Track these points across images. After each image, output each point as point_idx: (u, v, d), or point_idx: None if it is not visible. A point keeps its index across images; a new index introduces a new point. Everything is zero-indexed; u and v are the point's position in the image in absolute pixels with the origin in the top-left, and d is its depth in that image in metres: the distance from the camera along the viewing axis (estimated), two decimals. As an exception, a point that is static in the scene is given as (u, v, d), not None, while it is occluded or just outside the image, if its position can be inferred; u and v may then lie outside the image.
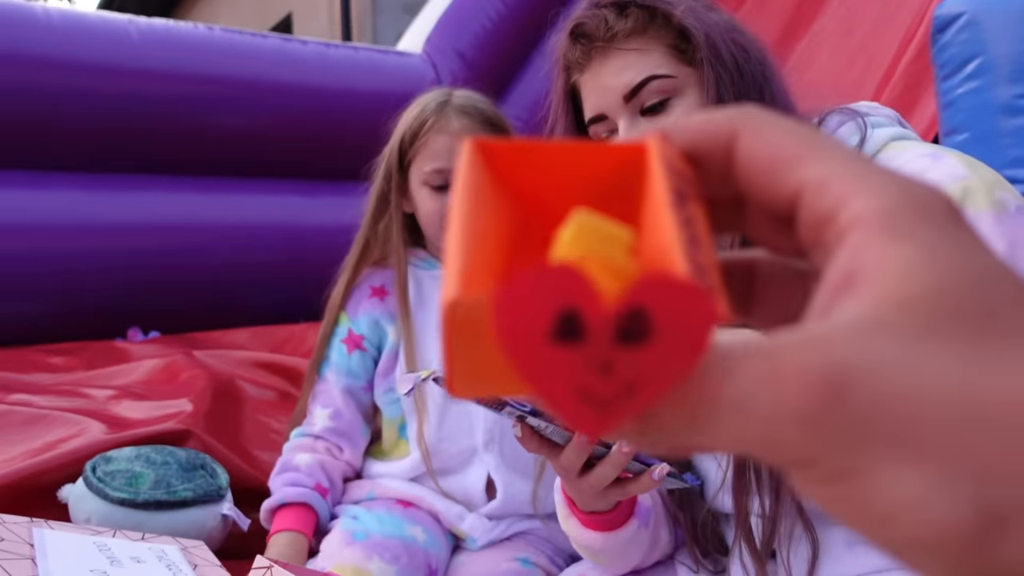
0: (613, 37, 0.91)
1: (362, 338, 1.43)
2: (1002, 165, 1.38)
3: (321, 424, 1.42)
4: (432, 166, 1.39)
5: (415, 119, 1.42)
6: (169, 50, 2.41)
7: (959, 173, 0.78)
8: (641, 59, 0.90)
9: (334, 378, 1.43)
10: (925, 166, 0.80)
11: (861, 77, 1.88)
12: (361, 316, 1.44)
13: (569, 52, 0.95)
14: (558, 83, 0.97)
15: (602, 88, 0.91)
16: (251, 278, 2.47)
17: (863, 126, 0.87)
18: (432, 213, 1.40)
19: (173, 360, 1.89)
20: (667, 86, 0.89)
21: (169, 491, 1.35)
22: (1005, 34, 1.42)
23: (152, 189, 2.41)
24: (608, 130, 0.93)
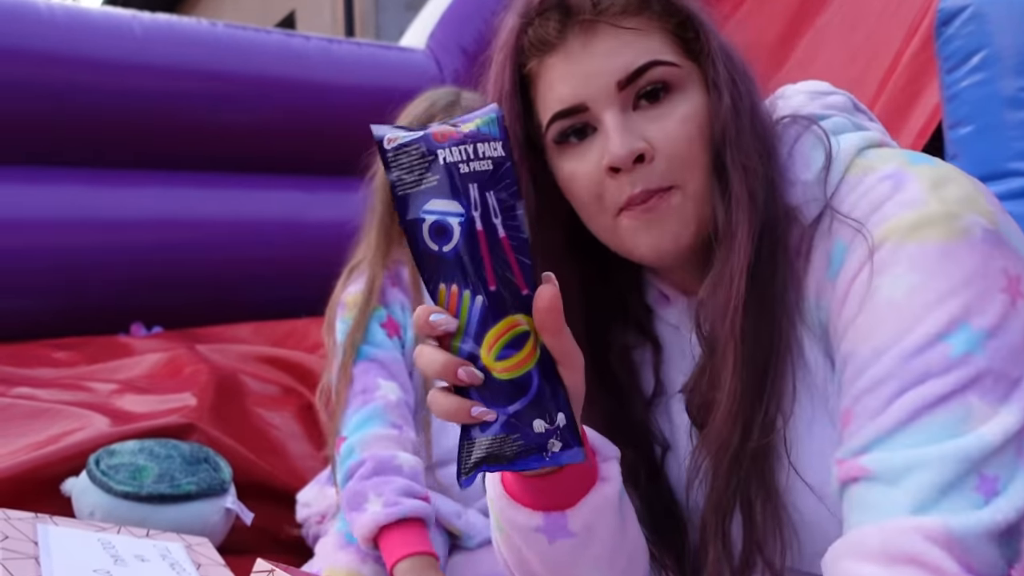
0: (603, 11, 0.73)
1: (400, 325, 1.40)
2: (1007, 158, 1.38)
3: (396, 395, 1.30)
4: None
5: (423, 112, 1.41)
6: (172, 46, 2.41)
7: (917, 199, 0.67)
8: (639, 40, 0.73)
9: (386, 355, 1.34)
10: (886, 192, 0.69)
11: (865, 71, 1.87)
12: (392, 303, 1.40)
13: (532, 31, 0.76)
14: (504, 72, 0.77)
15: (584, 72, 0.73)
16: (253, 273, 2.47)
17: (824, 138, 0.74)
18: None
19: (176, 355, 1.90)
20: (672, 76, 0.73)
21: (173, 484, 1.35)
22: (1010, 27, 1.41)
23: (155, 185, 2.41)
24: (580, 124, 0.74)
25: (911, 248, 0.65)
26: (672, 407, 0.83)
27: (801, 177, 0.73)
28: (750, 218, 0.71)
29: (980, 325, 0.63)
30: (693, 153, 0.72)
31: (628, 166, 0.71)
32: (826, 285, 0.71)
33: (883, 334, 0.64)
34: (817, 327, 0.72)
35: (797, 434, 0.72)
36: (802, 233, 0.73)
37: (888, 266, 0.66)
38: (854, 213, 0.69)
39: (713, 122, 0.72)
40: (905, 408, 0.62)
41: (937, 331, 0.63)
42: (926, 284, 0.64)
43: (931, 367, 0.62)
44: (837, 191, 0.72)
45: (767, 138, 0.74)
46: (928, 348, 0.63)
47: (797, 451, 0.71)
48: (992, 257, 0.65)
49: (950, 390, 0.61)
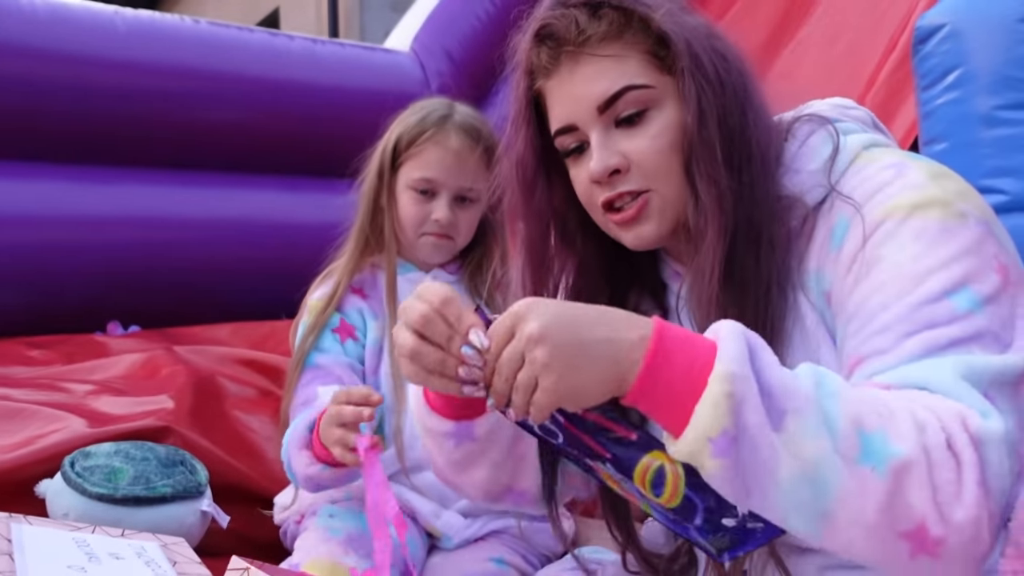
0: (585, 41, 0.83)
1: (354, 328, 1.43)
2: (981, 175, 1.40)
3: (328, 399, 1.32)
4: (421, 174, 1.42)
5: (415, 125, 1.44)
6: (155, 43, 2.40)
7: (918, 184, 0.76)
8: (616, 66, 0.82)
9: (330, 360, 1.38)
10: (889, 177, 0.78)
11: (845, 85, 1.90)
12: (348, 308, 1.44)
13: (534, 55, 0.86)
14: (519, 89, 0.88)
15: (572, 97, 0.84)
16: (233, 273, 2.46)
17: (834, 134, 0.83)
18: (412, 218, 1.42)
19: (153, 355, 1.88)
20: (645, 96, 0.83)
21: (148, 487, 1.35)
22: (986, 46, 1.44)
23: (134, 182, 2.39)
24: (577, 141, 0.86)
25: (914, 223, 0.73)
26: None
27: (807, 167, 0.82)
28: (717, 221, 0.80)
29: (979, 291, 0.70)
30: (666, 163, 0.83)
31: (605, 179, 0.84)
32: (828, 257, 0.79)
33: (890, 291, 0.72)
34: (816, 296, 0.80)
35: None
36: (805, 215, 0.82)
37: (892, 237, 0.73)
38: (855, 194, 0.78)
39: (685, 134, 0.82)
40: (915, 347, 0.69)
41: (942, 289, 0.70)
42: (928, 252, 0.71)
43: (937, 317, 0.69)
44: (841, 179, 0.81)
45: (747, 144, 0.82)
46: (934, 302, 0.70)
47: None
48: (985, 242, 0.73)
49: (956, 338, 0.68)
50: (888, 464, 0.63)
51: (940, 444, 0.64)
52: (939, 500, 0.63)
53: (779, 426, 0.64)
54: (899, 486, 0.63)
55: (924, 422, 0.65)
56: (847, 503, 0.64)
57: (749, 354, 0.66)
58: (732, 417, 0.64)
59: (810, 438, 0.64)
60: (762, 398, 0.64)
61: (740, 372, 0.64)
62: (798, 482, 0.64)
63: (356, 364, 1.41)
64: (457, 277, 1.50)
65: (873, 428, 0.64)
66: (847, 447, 0.64)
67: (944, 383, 0.67)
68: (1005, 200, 1.39)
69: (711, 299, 0.80)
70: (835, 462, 0.63)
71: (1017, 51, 1.40)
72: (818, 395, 0.65)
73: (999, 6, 1.42)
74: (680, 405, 0.66)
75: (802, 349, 0.81)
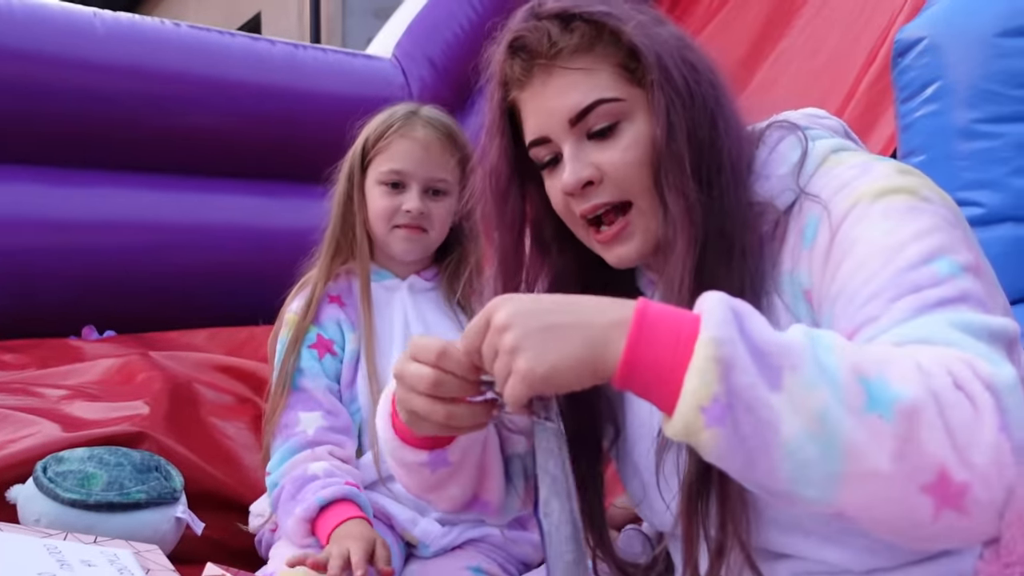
0: (557, 54, 0.84)
1: (332, 342, 1.42)
2: (958, 187, 1.41)
3: (314, 427, 1.35)
4: (390, 166, 1.42)
5: (381, 123, 1.45)
6: (134, 45, 2.38)
7: (883, 175, 0.78)
8: (587, 79, 0.83)
9: (311, 383, 1.38)
10: (855, 175, 0.79)
11: (824, 96, 1.91)
12: (326, 321, 1.43)
13: (508, 67, 0.87)
14: (494, 99, 0.89)
15: (545, 109, 0.85)
16: (211, 278, 2.44)
17: (803, 140, 0.85)
18: (382, 211, 1.42)
19: (129, 360, 1.86)
20: (616, 110, 0.84)
21: (122, 493, 1.33)
22: (964, 60, 1.46)
23: (111, 185, 2.37)
24: (551, 153, 0.87)
25: (881, 204, 0.75)
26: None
27: (777, 172, 0.84)
28: (686, 233, 0.80)
29: (957, 260, 0.70)
30: (637, 175, 0.84)
31: (578, 191, 0.85)
32: (801, 256, 0.80)
33: (871, 265, 0.72)
34: (792, 298, 0.81)
35: None
36: (777, 220, 0.83)
37: (862, 219, 0.75)
38: (823, 192, 0.80)
39: (654, 146, 0.83)
40: (906, 307, 0.68)
41: (921, 257, 0.70)
42: (900, 227, 0.73)
43: (921, 281, 0.69)
44: (810, 181, 0.82)
45: (717, 155, 0.83)
46: (916, 268, 0.70)
47: None
48: (954, 225, 0.74)
49: (944, 298, 0.68)
50: (894, 408, 0.60)
51: (948, 385, 0.61)
52: (957, 443, 0.59)
53: (777, 384, 0.61)
54: (910, 430, 0.59)
55: (928, 367, 0.62)
56: (858, 456, 0.60)
57: (735, 318, 0.63)
58: (722, 383, 0.61)
59: (811, 391, 0.60)
60: (753, 359, 0.61)
61: (726, 336, 0.61)
62: (804, 440, 0.60)
63: (333, 385, 1.40)
64: (434, 284, 1.49)
65: (875, 375, 0.61)
66: (851, 396, 0.60)
67: (945, 335, 0.65)
68: (982, 212, 1.41)
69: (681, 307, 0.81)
70: (840, 413, 0.60)
71: (995, 65, 1.42)
72: (814, 349, 0.62)
73: (977, 21, 1.44)
74: (669, 380, 0.63)
75: None
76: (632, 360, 0.65)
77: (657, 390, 0.65)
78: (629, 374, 0.65)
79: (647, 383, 0.65)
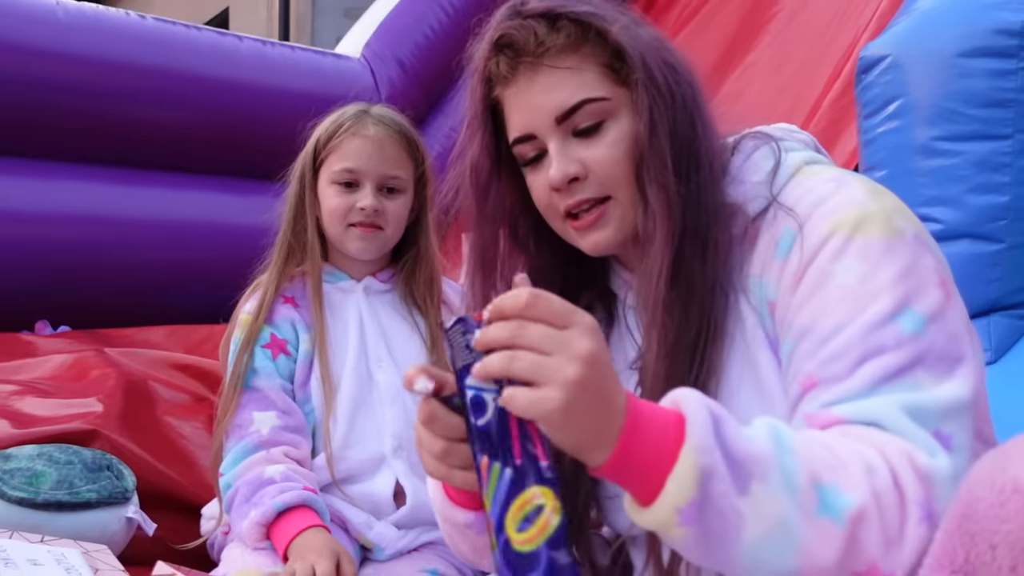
0: (544, 53, 0.85)
1: (286, 342, 1.41)
2: (917, 204, 1.44)
3: (269, 427, 1.33)
4: (342, 165, 1.41)
5: (332, 123, 1.44)
6: (97, 36, 2.34)
7: (859, 199, 0.80)
8: (574, 78, 0.85)
9: (266, 382, 1.37)
10: (830, 190, 0.81)
11: (790, 110, 1.94)
12: (280, 321, 1.42)
13: (492, 64, 0.88)
14: (476, 95, 0.90)
15: (531, 107, 0.86)
16: (171, 275, 2.41)
17: (777, 150, 0.87)
18: (336, 210, 1.40)
19: (83, 356, 1.83)
20: (601, 108, 0.85)
21: (71, 492, 1.30)
22: (926, 79, 1.48)
23: (68, 178, 2.33)
24: (536, 150, 0.88)
25: (858, 241, 0.77)
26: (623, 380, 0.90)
27: (751, 179, 0.87)
28: (666, 227, 0.83)
29: (921, 311, 0.75)
30: (621, 171, 0.85)
31: (565, 187, 0.86)
32: (773, 266, 0.83)
33: (841, 312, 0.76)
34: (758, 301, 0.84)
35: (725, 398, 0.82)
36: (747, 224, 0.86)
37: (839, 256, 0.78)
38: (799, 206, 0.82)
39: (637, 143, 0.85)
40: (868, 375, 0.74)
41: (889, 311, 0.75)
42: (874, 273, 0.76)
43: (887, 342, 0.74)
44: (782, 191, 0.85)
45: (695, 153, 0.85)
46: (883, 325, 0.74)
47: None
48: (922, 256, 0.78)
49: (904, 363, 0.73)
50: (844, 514, 0.67)
51: (888, 487, 0.68)
52: (889, 538, 0.68)
53: (745, 490, 0.67)
54: (855, 533, 0.67)
55: (873, 465, 0.69)
56: (810, 555, 0.67)
57: (714, 424, 0.67)
58: (699, 490, 0.66)
59: (774, 500, 0.67)
60: (728, 468, 0.67)
61: (707, 444, 0.66)
62: (763, 542, 0.67)
63: (287, 385, 1.39)
64: (390, 285, 1.48)
65: (829, 482, 0.68)
66: (806, 501, 0.67)
67: (895, 422, 0.71)
68: (940, 229, 1.43)
69: (657, 301, 0.82)
70: (798, 519, 0.67)
71: (955, 85, 1.45)
72: (780, 456, 0.68)
73: (939, 41, 1.47)
74: (653, 479, 0.67)
75: (742, 348, 0.84)
76: (621, 460, 0.67)
77: (638, 486, 0.69)
78: (613, 470, 0.68)
79: (628, 480, 0.69)
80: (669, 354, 0.83)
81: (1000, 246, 1.43)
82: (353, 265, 1.46)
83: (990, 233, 1.43)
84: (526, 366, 0.64)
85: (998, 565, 0.57)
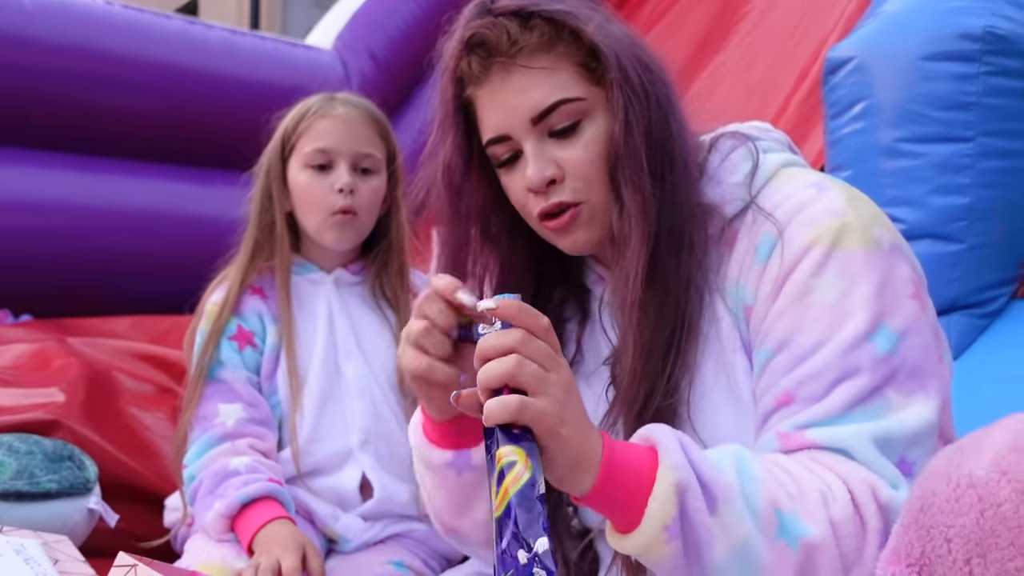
0: (517, 52, 0.83)
1: (253, 334, 1.39)
2: (881, 204, 1.43)
3: (234, 419, 1.32)
4: (314, 146, 1.38)
5: (298, 111, 1.43)
6: (64, 22, 2.30)
7: (838, 208, 0.81)
8: (549, 79, 0.83)
9: (231, 374, 1.35)
10: (810, 197, 0.82)
11: (759, 109, 1.96)
12: (247, 312, 1.40)
13: (464, 63, 0.86)
14: (447, 94, 0.88)
15: (505, 107, 0.84)
16: (137, 265, 2.37)
17: (755, 151, 0.87)
18: (313, 195, 1.38)
19: (45, 346, 1.80)
20: (577, 109, 0.84)
21: (31, 482, 1.29)
22: (891, 81, 1.50)
23: (34, 165, 2.28)
24: (510, 151, 0.87)
25: (838, 255, 0.79)
26: (593, 378, 0.93)
27: (728, 180, 0.87)
28: (641, 228, 0.83)
29: (894, 327, 0.78)
30: (598, 172, 0.85)
31: (542, 188, 0.85)
32: (752, 271, 0.84)
33: (820, 329, 0.78)
34: (734, 303, 0.85)
35: (698, 397, 0.84)
36: (724, 224, 0.86)
37: (820, 271, 0.79)
38: (778, 211, 0.83)
39: (612, 143, 0.84)
40: (841, 398, 0.76)
41: (864, 331, 0.77)
42: (852, 288, 0.78)
43: (862, 363, 0.77)
44: (760, 193, 0.85)
45: (670, 152, 0.85)
46: (859, 345, 0.77)
47: (696, 412, 0.84)
48: (897, 266, 0.80)
49: (876, 384, 0.76)
50: (799, 541, 0.71)
51: (848, 516, 0.72)
52: (847, 565, 0.72)
53: (714, 510, 0.71)
54: (810, 561, 0.71)
55: (834, 496, 0.73)
56: (770, 574, 0.72)
57: (683, 450, 0.72)
58: (678, 505, 0.70)
59: (739, 521, 0.71)
60: (700, 487, 0.71)
61: (682, 463, 0.71)
62: (731, 560, 0.71)
63: (253, 377, 1.37)
64: (360, 278, 1.46)
65: (788, 509, 0.72)
66: (767, 525, 0.71)
67: (863, 453, 0.75)
68: (903, 229, 1.44)
69: (634, 302, 0.83)
70: (759, 540, 0.71)
71: (919, 88, 1.47)
72: (742, 483, 0.72)
73: (904, 44, 1.49)
74: (634, 502, 0.72)
75: (716, 349, 0.85)
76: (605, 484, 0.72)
77: (618, 515, 0.73)
78: (600, 494, 0.72)
79: (612, 504, 0.73)
80: (644, 353, 0.83)
81: (960, 246, 1.45)
82: (325, 256, 1.44)
83: (951, 233, 1.46)
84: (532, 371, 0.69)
85: (953, 558, 0.58)
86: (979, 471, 0.58)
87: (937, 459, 0.64)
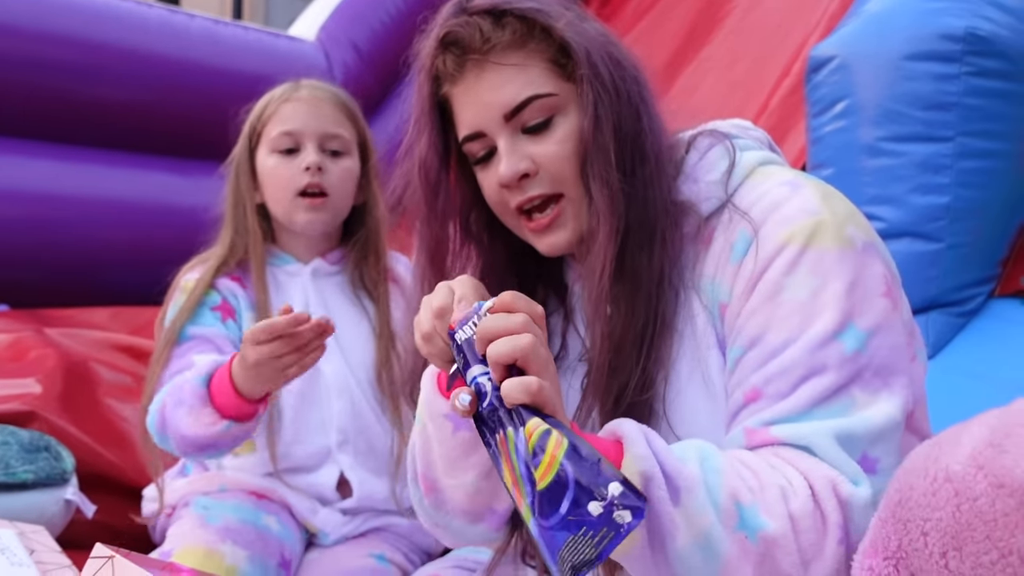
0: (490, 50, 0.85)
1: (235, 310, 1.37)
2: (861, 202, 1.47)
3: (207, 361, 1.21)
4: (279, 129, 1.36)
5: (263, 100, 1.41)
6: (41, 9, 2.27)
7: (812, 207, 0.81)
8: (521, 75, 0.85)
9: (211, 331, 1.29)
10: (785, 195, 0.83)
11: (742, 105, 1.96)
12: (225, 291, 1.37)
13: (439, 61, 0.88)
14: (423, 92, 0.90)
15: (479, 104, 0.86)
16: (117, 255, 2.35)
17: (732, 149, 0.88)
18: (280, 178, 1.35)
19: (21, 336, 1.78)
20: (549, 104, 0.85)
21: (7, 472, 1.27)
22: (873, 80, 1.51)
23: (9, 153, 2.25)
24: (485, 148, 0.88)
25: (811, 254, 0.80)
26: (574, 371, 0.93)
27: (705, 177, 0.87)
28: (609, 223, 0.83)
29: (863, 326, 0.78)
30: (569, 167, 0.86)
31: (515, 184, 0.86)
32: (727, 269, 0.84)
33: (790, 327, 0.79)
34: (710, 301, 0.85)
35: (673, 393, 0.85)
36: (699, 222, 0.87)
37: (792, 269, 0.80)
38: (754, 210, 0.84)
39: (583, 139, 0.85)
40: (807, 396, 0.77)
41: (833, 329, 0.78)
42: (823, 287, 0.79)
43: (829, 361, 0.77)
44: (737, 191, 0.86)
45: (641, 148, 0.86)
46: (827, 344, 0.78)
47: (672, 408, 0.85)
48: (870, 265, 0.80)
49: (842, 382, 0.77)
50: (758, 535, 0.72)
51: (808, 511, 0.73)
52: (806, 559, 0.73)
53: (677, 501, 0.72)
54: (768, 553, 0.72)
55: (795, 491, 0.74)
56: (731, 566, 0.73)
57: (647, 442, 0.73)
58: (644, 492, 0.71)
59: (701, 513, 0.72)
60: (664, 476, 0.72)
61: (646, 453, 0.72)
62: (692, 549, 0.72)
63: (238, 342, 1.29)
64: (339, 268, 1.44)
65: (748, 503, 0.73)
66: (727, 517, 0.73)
67: (826, 450, 0.76)
68: (883, 227, 1.47)
69: (601, 295, 0.84)
70: (720, 532, 0.72)
71: (900, 87, 1.48)
72: (704, 474, 0.73)
73: (886, 43, 1.50)
74: None
75: (692, 346, 0.85)
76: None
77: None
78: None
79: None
80: (615, 347, 0.84)
81: (939, 245, 1.47)
82: (301, 246, 1.42)
83: (930, 232, 1.47)
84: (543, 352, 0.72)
85: (929, 551, 0.59)
86: (956, 466, 0.59)
87: (915, 454, 0.65)
